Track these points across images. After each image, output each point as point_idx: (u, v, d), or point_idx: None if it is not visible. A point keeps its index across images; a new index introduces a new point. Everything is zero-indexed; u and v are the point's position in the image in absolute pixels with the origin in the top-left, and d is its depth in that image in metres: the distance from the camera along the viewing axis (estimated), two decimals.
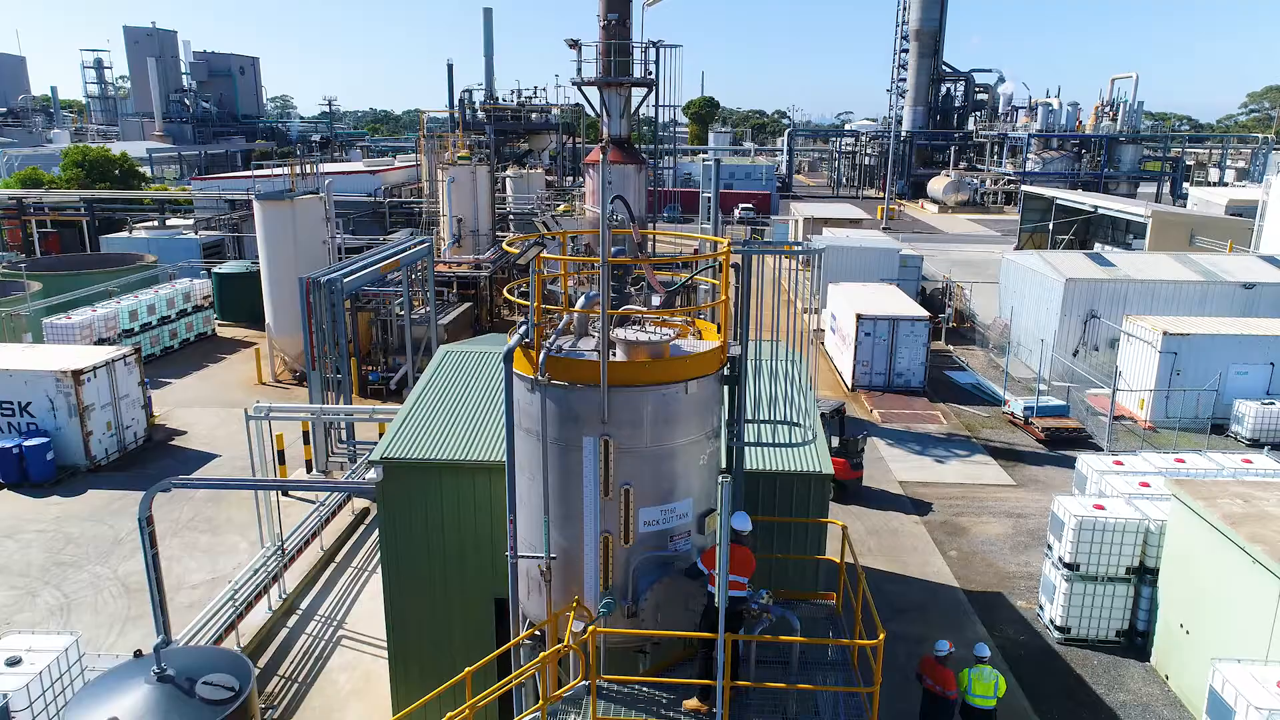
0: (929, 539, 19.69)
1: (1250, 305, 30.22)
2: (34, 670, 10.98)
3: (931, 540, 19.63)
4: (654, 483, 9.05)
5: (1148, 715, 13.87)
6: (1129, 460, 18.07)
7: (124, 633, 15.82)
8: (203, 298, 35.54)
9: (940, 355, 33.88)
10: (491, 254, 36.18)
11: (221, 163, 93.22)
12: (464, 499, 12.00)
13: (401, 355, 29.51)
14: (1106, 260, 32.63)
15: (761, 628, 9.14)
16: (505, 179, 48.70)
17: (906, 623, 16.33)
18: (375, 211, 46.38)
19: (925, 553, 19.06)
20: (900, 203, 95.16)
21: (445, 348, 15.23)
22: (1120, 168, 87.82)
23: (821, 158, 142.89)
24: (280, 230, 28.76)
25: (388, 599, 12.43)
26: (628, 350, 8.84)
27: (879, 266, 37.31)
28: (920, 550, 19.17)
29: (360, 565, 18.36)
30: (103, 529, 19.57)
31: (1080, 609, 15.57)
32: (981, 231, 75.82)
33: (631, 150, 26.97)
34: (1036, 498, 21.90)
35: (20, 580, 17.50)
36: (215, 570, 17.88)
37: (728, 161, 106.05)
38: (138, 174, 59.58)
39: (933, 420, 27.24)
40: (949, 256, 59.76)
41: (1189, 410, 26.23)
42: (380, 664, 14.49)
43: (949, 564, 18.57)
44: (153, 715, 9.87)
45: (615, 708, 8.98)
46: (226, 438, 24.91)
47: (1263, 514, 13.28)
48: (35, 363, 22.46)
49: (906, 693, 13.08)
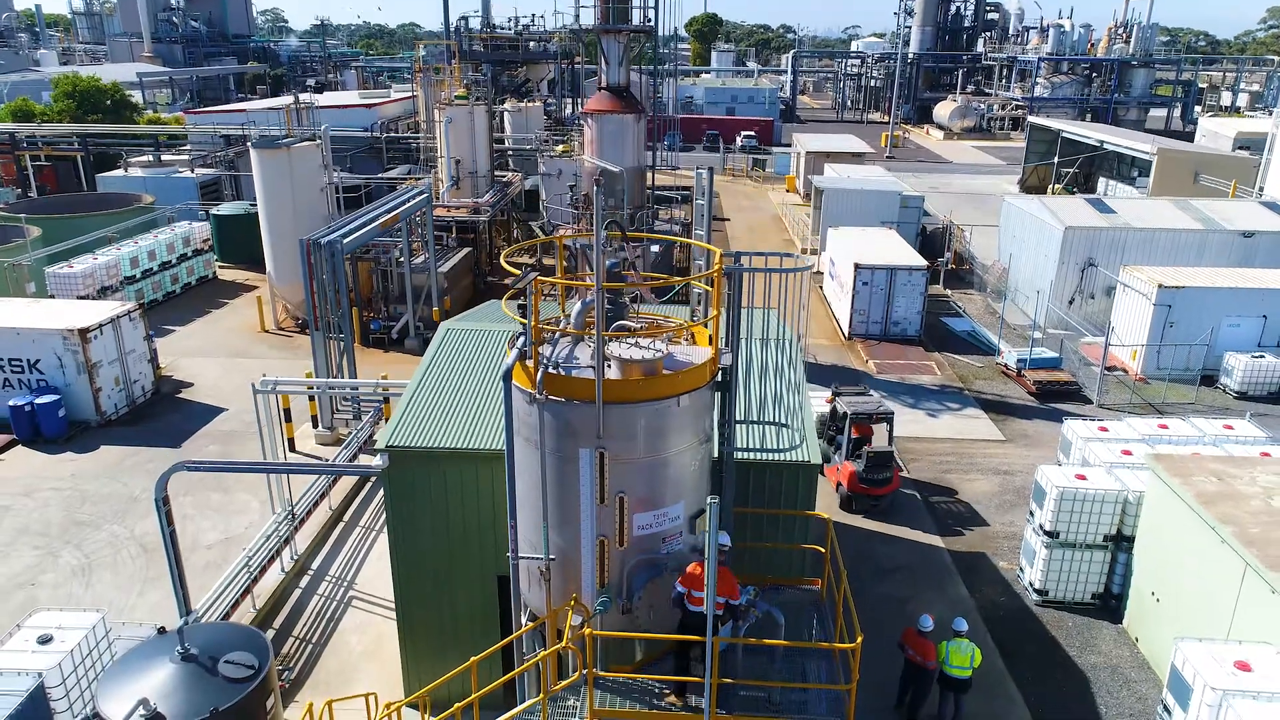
0: (918, 497, 20.32)
1: (1248, 254, 30.28)
2: (65, 648, 11.63)
3: (920, 499, 20.27)
4: (647, 490, 9.50)
5: (1116, 677, 14.67)
6: (1114, 426, 18.54)
7: (143, 593, 16.56)
8: (202, 241, 35.57)
9: (938, 300, 34.07)
10: (490, 197, 36.01)
11: (214, 87, 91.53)
12: (467, 484, 12.48)
13: (402, 304, 29.79)
14: (1107, 206, 32.52)
15: (748, 624, 9.72)
16: (503, 113, 47.99)
17: (893, 584, 17.07)
18: (372, 147, 45.85)
19: (913, 511, 19.71)
20: (905, 128, 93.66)
21: (446, 325, 15.51)
22: (1131, 93, 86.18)
23: (826, 78, 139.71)
24: (277, 178, 28.61)
25: (396, 576, 13.05)
26: (622, 368, 9.16)
27: (879, 209, 37.16)
28: (908, 508, 19.81)
29: (367, 525, 19.03)
30: (117, 487, 20.20)
31: (1058, 573, 16.26)
32: (986, 160, 74.89)
33: (630, 99, 26.64)
34: (1024, 453, 22.47)
35: (41, 540, 18.20)
36: (228, 530, 18.56)
37: (731, 84, 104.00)
38: (130, 104, 58.59)
39: (927, 371, 27.65)
40: (951, 189, 59.29)
41: (1180, 362, 26.60)
42: (390, 625, 15.19)
43: (935, 523, 19.23)
44: (179, 695, 10.49)
45: (611, 698, 9.63)
46: (232, 390, 25.37)
47: (1235, 494, 13.79)
48: (42, 320, 22.75)
49: (890, 658, 13.81)
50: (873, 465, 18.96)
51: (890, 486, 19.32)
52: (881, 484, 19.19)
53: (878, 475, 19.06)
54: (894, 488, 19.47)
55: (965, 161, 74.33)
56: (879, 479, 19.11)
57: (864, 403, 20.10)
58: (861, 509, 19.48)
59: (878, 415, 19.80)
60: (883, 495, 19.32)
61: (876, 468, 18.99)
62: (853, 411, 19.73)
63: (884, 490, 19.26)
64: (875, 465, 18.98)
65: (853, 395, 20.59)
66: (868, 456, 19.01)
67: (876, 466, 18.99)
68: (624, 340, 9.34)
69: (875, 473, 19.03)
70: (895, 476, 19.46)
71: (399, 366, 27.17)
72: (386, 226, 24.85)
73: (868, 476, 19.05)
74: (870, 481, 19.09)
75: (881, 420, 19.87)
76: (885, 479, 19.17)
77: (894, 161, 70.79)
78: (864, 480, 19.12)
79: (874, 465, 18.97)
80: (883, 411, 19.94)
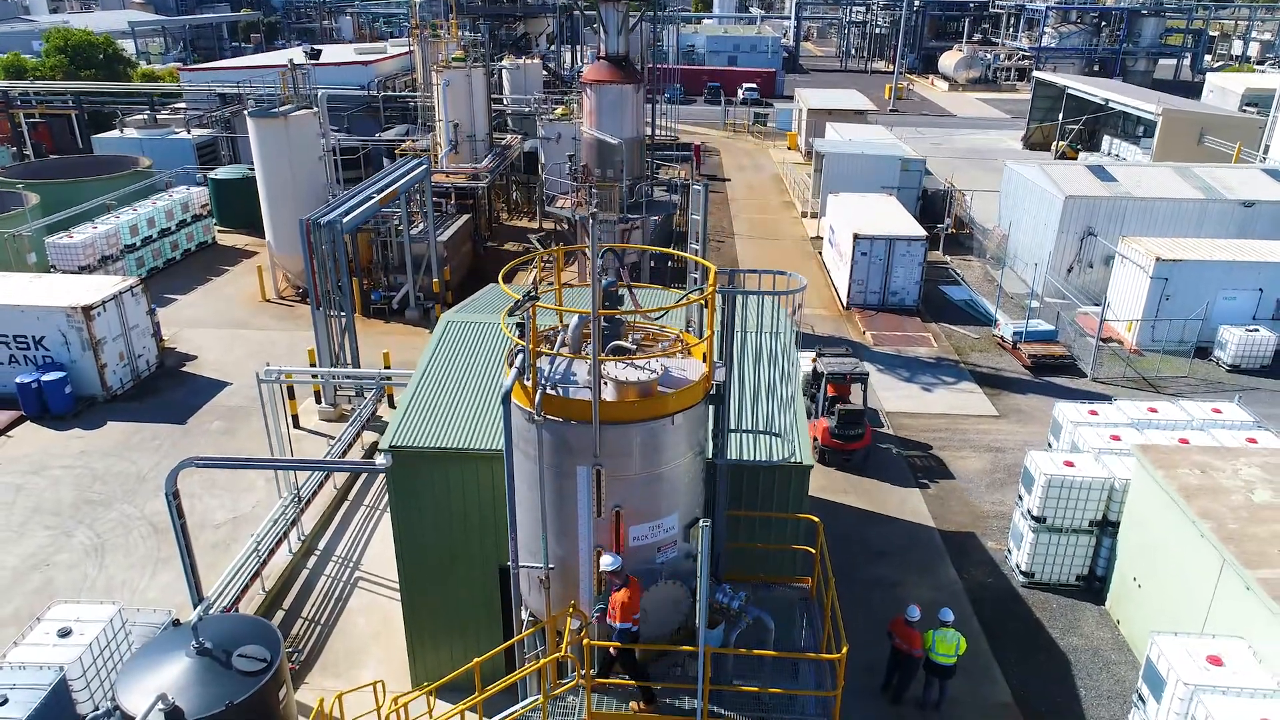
0: (911, 476, 20.73)
1: (1248, 225, 30.27)
2: (84, 641, 12.09)
3: (913, 477, 20.68)
4: (643, 503, 9.82)
5: (1096, 659, 15.22)
6: (1104, 410, 18.83)
7: (156, 574, 17.07)
8: (201, 206, 35.50)
9: (936, 267, 34.11)
10: (489, 162, 35.81)
11: (207, 36, 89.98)
12: (469, 482, 12.83)
13: (402, 273, 29.89)
14: (1108, 174, 32.37)
15: (739, 630, 10.14)
16: (501, 70, 47.37)
17: (884, 566, 17.56)
18: (369, 106, 45.38)
19: (906, 490, 20.14)
20: (910, 78, 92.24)
21: (447, 317, 15.71)
22: (1140, 43, 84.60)
23: (831, 23, 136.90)
24: (275, 147, 28.49)
25: (401, 568, 13.49)
26: (618, 389, 9.41)
27: (880, 174, 36.96)
28: (901, 488, 20.24)
29: (371, 504, 19.47)
30: (126, 465, 20.61)
31: (1045, 556, 16.73)
32: (991, 114, 73.99)
33: (629, 69, 26.36)
34: (1016, 429, 22.84)
35: (54, 520, 18.66)
36: (236, 509, 19.02)
37: (733, 31, 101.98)
38: (123, 59, 57.77)
39: (923, 343, 27.88)
40: (954, 146, 58.78)
41: (1175, 334, 26.83)
42: (395, 606, 15.65)
43: (927, 502, 19.68)
44: (195, 689, 10.95)
45: (608, 700, 10.09)
46: (234, 363, 25.66)
47: (1217, 487, 14.15)
48: (46, 297, 22.93)
49: (880, 640, 14.32)
50: (844, 422, 20.19)
51: (861, 443, 20.45)
52: (853, 439, 20.37)
53: (849, 431, 20.29)
54: (865, 444, 20.56)
55: (969, 115, 73.44)
56: (850, 435, 20.32)
57: (841, 364, 21.08)
58: (834, 463, 20.55)
59: (852, 375, 20.76)
60: (854, 450, 20.46)
61: (848, 424, 20.23)
62: (828, 371, 20.76)
63: (855, 445, 20.43)
64: (847, 422, 20.22)
65: (833, 356, 21.60)
66: (840, 414, 20.20)
67: (848, 423, 20.23)
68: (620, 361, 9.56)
69: (847, 429, 20.25)
70: (867, 433, 20.58)
71: (400, 338, 27.45)
72: (386, 202, 24.81)
73: (840, 432, 20.25)
74: (843, 437, 20.29)
75: (856, 380, 20.81)
76: (857, 435, 20.36)
77: (897, 115, 69.98)
78: (836, 435, 20.29)
79: (846, 422, 20.20)
80: (857, 372, 20.84)
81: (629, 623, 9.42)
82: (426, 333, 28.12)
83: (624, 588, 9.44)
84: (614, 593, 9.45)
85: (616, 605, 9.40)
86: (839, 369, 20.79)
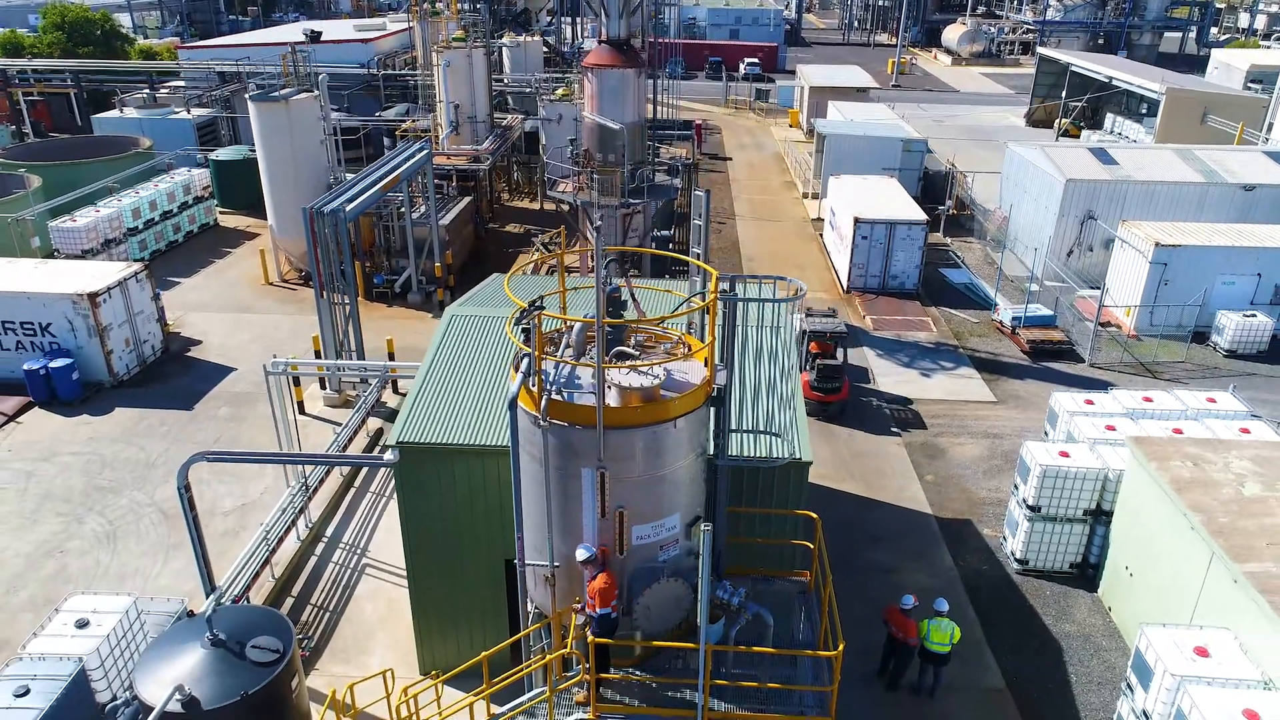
0: (908, 462, 21.03)
1: (1248, 209, 30.31)
2: (102, 632, 12.43)
3: (910, 463, 20.97)
4: (646, 504, 10.07)
5: (1088, 645, 15.58)
6: (1099, 399, 19.07)
7: (168, 561, 17.40)
8: (203, 188, 35.53)
9: (937, 250, 34.20)
10: (490, 144, 35.78)
11: (204, 9, 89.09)
12: (474, 477, 13.10)
13: (404, 256, 30.00)
14: (1109, 157, 32.36)
15: (738, 626, 10.45)
16: (501, 48, 47.13)
17: (881, 552, 17.89)
18: (369, 84, 45.20)
19: (904, 477, 20.44)
20: (913, 51, 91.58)
21: (451, 311, 15.90)
22: (1145, 16, 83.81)
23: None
24: (277, 131, 28.48)
25: (409, 560, 13.81)
26: (622, 395, 9.63)
27: (881, 155, 36.94)
28: (899, 474, 20.54)
29: (378, 491, 19.77)
30: (134, 451, 20.89)
31: (1039, 545, 17.04)
32: (994, 89, 73.60)
33: (631, 53, 26.30)
34: (1014, 416, 23.09)
35: (65, 506, 18.97)
36: (245, 496, 19.32)
37: (734, 4, 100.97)
38: (120, 35, 57.40)
39: (923, 328, 28.06)
40: (957, 122, 58.56)
41: (1173, 319, 27.01)
42: (401, 592, 16.01)
43: (925, 489, 19.98)
44: (210, 679, 11.25)
45: (612, 693, 10.42)
46: (239, 348, 25.89)
47: (1208, 480, 14.42)
48: (51, 284, 23.10)
49: (877, 625, 14.68)
50: (824, 376, 22.17)
51: (839, 396, 22.32)
52: (831, 392, 22.29)
53: (828, 385, 22.22)
54: (843, 397, 22.43)
55: (972, 90, 73.06)
56: (829, 388, 22.25)
57: (823, 323, 23.18)
58: (814, 413, 21.96)
59: (832, 334, 22.95)
60: (832, 402, 22.34)
61: (827, 378, 22.20)
62: (811, 330, 22.98)
63: (833, 398, 22.31)
64: (826, 376, 22.20)
65: (819, 317, 23.70)
66: (820, 369, 22.16)
67: (827, 377, 22.20)
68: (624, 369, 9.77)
69: (826, 382, 22.19)
70: (845, 388, 22.48)
71: (402, 322, 27.65)
72: (389, 189, 24.89)
73: (819, 385, 22.11)
74: (822, 389, 22.18)
75: (836, 338, 22.92)
76: (835, 388, 22.30)
77: (900, 91, 69.64)
78: (816, 388, 22.07)
79: (825, 376, 22.20)
80: (837, 331, 23.01)
81: (607, 608, 9.68)
82: (429, 316, 28.34)
83: (600, 574, 9.71)
84: (589, 582, 9.72)
85: (595, 593, 9.67)
86: (821, 328, 22.90)
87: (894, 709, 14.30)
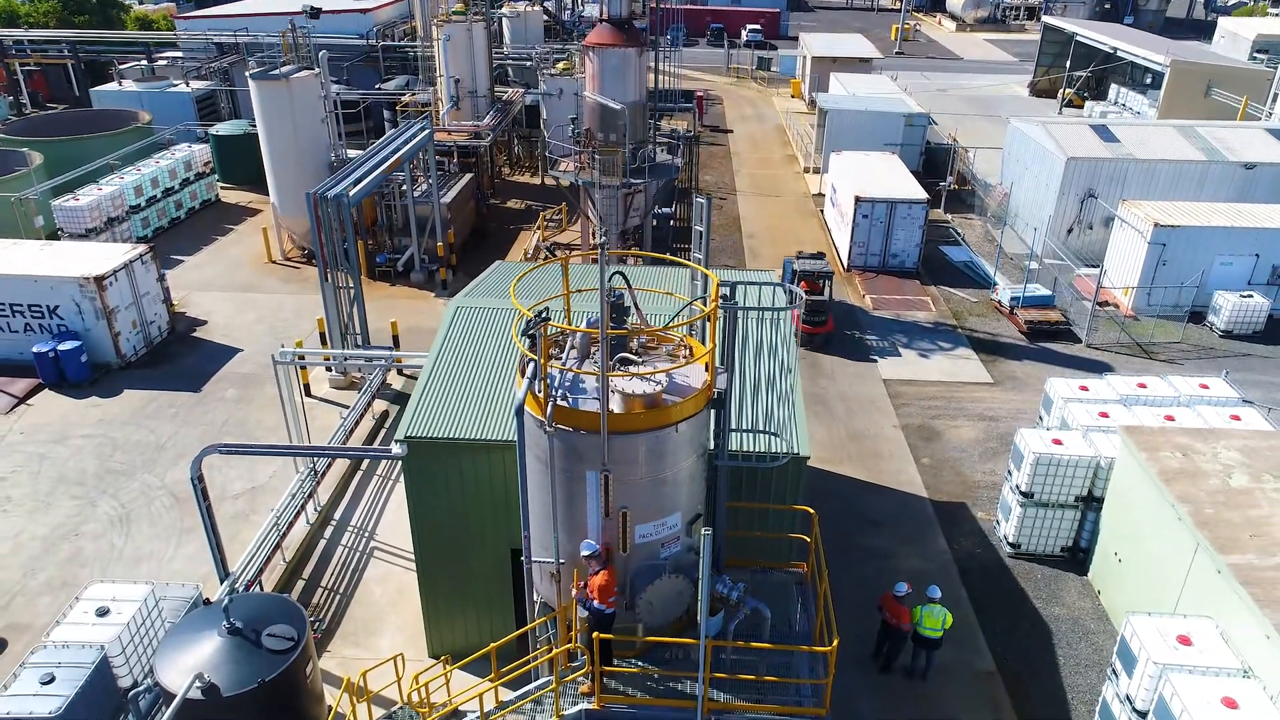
0: (904, 445, 21.38)
1: (1248, 187, 30.36)
2: (122, 620, 12.84)
3: (907, 446, 21.32)
4: (648, 504, 10.42)
5: (1077, 629, 16.04)
6: (1094, 385, 19.35)
7: (181, 544, 17.83)
8: (204, 164, 35.51)
9: (938, 226, 34.25)
10: (491, 119, 35.68)
11: None
12: (481, 469, 13.44)
13: (406, 234, 30.11)
14: (1111, 135, 32.30)
15: (737, 621, 10.85)
16: (501, 19, 46.71)
17: (876, 536, 18.31)
18: (369, 56, 44.87)
19: (900, 460, 20.81)
20: (917, 17, 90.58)
21: (455, 303, 16.12)
22: None
23: None
24: (278, 110, 28.42)
25: (417, 548, 14.20)
26: (625, 401, 9.91)
27: (883, 131, 36.86)
28: (895, 457, 20.90)
29: (385, 474, 20.15)
30: (145, 434, 21.25)
31: (1031, 529, 17.45)
32: (999, 56, 72.89)
33: (632, 32, 26.20)
34: (1011, 397, 23.40)
35: (79, 489, 19.37)
36: (254, 479, 19.71)
37: None
38: (116, 2, 56.81)
39: (922, 307, 28.27)
40: (960, 91, 58.19)
41: (1170, 299, 27.21)
42: (409, 576, 16.44)
43: (921, 473, 20.35)
44: (228, 667, 11.69)
45: (614, 683, 10.85)
46: (244, 328, 26.14)
47: (1196, 471, 14.76)
48: (57, 267, 23.29)
49: (872, 610, 15.12)
50: (811, 310, 25.61)
51: (824, 328, 25.83)
52: (817, 325, 25.80)
53: (814, 318, 25.74)
54: (828, 329, 25.90)
55: (976, 58, 72.36)
56: (815, 320, 25.76)
57: (811, 265, 26.21)
58: (803, 342, 25.46)
59: (818, 274, 25.79)
60: (817, 333, 25.77)
61: (814, 312, 25.66)
62: (800, 270, 25.82)
63: (818, 329, 25.79)
64: (813, 310, 25.64)
65: (808, 259, 26.83)
66: (808, 304, 25.43)
67: (814, 311, 25.65)
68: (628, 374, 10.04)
69: (813, 316, 25.67)
70: (829, 321, 25.99)
71: (406, 301, 27.88)
72: (391, 170, 24.95)
73: (807, 318, 25.66)
74: (810, 322, 25.71)
75: (821, 278, 25.78)
76: (820, 321, 25.85)
77: (903, 59, 69.04)
78: (805, 321, 25.60)
79: (812, 310, 25.62)
80: (824, 271, 25.93)
81: (604, 605, 10.06)
82: (431, 296, 28.55)
83: (602, 571, 10.08)
84: (591, 577, 10.08)
85: (595, 589, 10.05)
86: (809, 269, 25.89)
87: (888, 692, 14.79)
